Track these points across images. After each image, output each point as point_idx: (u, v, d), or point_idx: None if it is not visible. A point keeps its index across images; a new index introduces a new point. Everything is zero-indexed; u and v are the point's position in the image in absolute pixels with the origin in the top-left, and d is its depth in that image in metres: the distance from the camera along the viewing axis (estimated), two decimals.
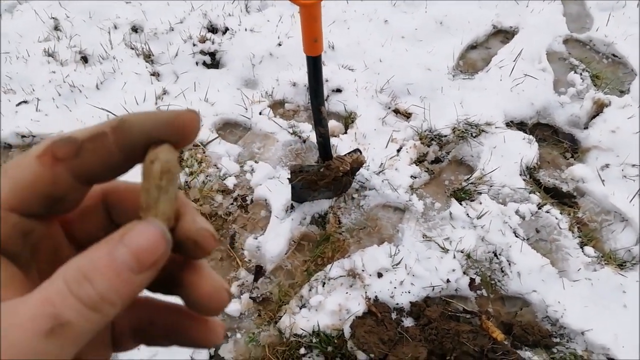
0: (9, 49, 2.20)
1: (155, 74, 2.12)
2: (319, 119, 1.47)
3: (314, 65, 1.26)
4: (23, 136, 1.90)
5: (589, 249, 1.61)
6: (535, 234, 1.65)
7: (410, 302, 1.49)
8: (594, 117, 1.97)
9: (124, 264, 0.22)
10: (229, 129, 1.99)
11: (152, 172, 0.24)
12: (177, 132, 0.25)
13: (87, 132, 0.25)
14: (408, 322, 1.46)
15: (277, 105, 2.05)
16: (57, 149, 0.24)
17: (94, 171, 0.25)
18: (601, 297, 1.51)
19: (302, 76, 2.05)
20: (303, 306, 1.50)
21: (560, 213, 1.70)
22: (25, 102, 1.99)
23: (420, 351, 1.37)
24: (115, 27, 2.31)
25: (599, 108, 1.97)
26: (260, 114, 1.97)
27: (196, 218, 0.27)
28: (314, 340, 1.41)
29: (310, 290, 1.53)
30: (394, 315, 1.47)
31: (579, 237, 1.65)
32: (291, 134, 1.91)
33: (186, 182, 1.75)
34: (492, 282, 1.54)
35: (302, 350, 1.41)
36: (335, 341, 1.42)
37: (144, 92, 2.01)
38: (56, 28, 2.32)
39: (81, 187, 0.26)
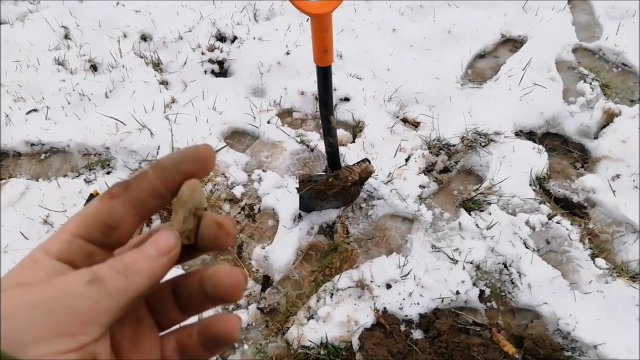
0: (20, 58, 2.22)
1: (164, 83, 2.13)
2: (328, 129, 1.47)
3: (324, 75, 1.26)
4: (32, 144, 1.91)
5: (600, 261, 1.59)
6: (546, 245, 1.63)
7: (420, 314, 1.47)
8: (604, 126, 1.96)
9: (147, 251, 0.31)
10: (237, 137, 1.99)
11: (179, 197, 0.33)
12: (199, 162, 0.33)
13: (135, 174, 0.33)
14: (417, 334, 1.44)
15: (285, 114, 2.05)
16: (112, 188, 0.33)
17: (142, 201, 0.33)
18: (613, 310, 1.48)
19: (310, 85, 2.05)
20: (311, 317, 1.49)
21: (571, 224, 1.68)
22: (35, 110, 2.01)
23: None
24: (125, 36, 2.33)
25: (609, 118, 1.95)
26: (268, 122, 1.97)
27: (215, 215, 0.35)
28: (322, 353, 1.40)
29: (318, 301, 1.52)
30: (403, 327, 1.45)
31: (590, 248, 1.63)
32: (299, 142, 1.91)
33: None
34: (502, 294, 1.52)
35: None
36: (344, 353, 1.40)
37: (152, 101, 2.01)
38: (66, 37, 2.34)
39: (132, 218, 0.33)
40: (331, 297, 1.51)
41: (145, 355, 0.34)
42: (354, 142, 1.92)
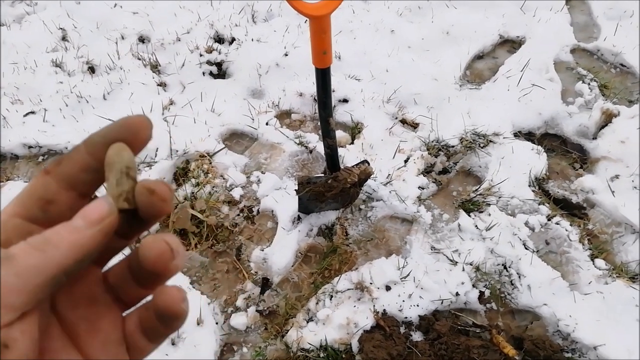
0: (17, 60, 2.21)
1: (162, 85, 2.13)
2: (327, 131, 1.47)
3: (323, 77, 1.25)
4: (30, 147, 1.90)
5: (599, 262, 1.59)
6: (545, 246, 1.63)
7: (419, 316, 1.47)
8: (603, 127, 1.96)
9: (74, 223, 0.29)
10: (235, 139, 1.99)
11: (106, 161, 0.31)
12: (129, 132, 0.31)
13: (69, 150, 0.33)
14: (417, 336, 1.44)
15: (284, 116, 2.05)
16: (47, 165, 0.32)
17: (74, 175, 0.31)
18: (613, 310, 1.48)
19: (308, 86, 2.05)
20: (310, 320, 1.48)
21: (570, 225, 1.67)
22: (32, 112, 2.00)
23: None
24: (123, 38, 2.32)
25: (608, 118, 1.96)
26: (266, 124, 1.97)
27: (147, 181, 0.32)
28: (322, 355, 1.40)
29: (317, 303, 1.51)
30: (402, 330, 1.45)
31: (590, 249, 1.62)
32: (298, 144, 1.91)
33: (192, 193, 1.74)
34: (502, 295, 1.52)
35: None
36: (343, 356, 1.40)
37: (150, 103, 2.01)
38: (64, 38, 2.34)
39: (66, 192, 0.31)
40: (330, 299, 1.51)
41: (104, 335, 0.33)
42: (352, 143, 1.92)
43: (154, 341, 0.35)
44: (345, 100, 2.04)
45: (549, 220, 1.68)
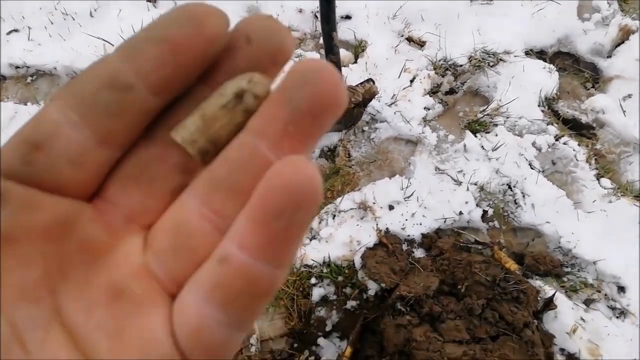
0: None
1: (152, 0, 1.99)
2: (330, 47, 1.38)
3: None
4: (17, 67, 1.81)
5: (605, 181, 1.57)
6: (552, 166, 1.60)
7: (422, 234, 1.47)
8: (619, 44, 1.86)
9: None
10: None
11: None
12: (189, 23, 0.20)
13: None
14: (419, 253, 1.45)
15: None
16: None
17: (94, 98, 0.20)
18: (615, 228, 1.49)
19: (308, 2, 1.92)
20: (313, 238, 1.49)
21: (578, 145, 1.64)
22: (15, 30, 1.88)
23: (432, 280, 1.37)
24: None
25: (625, 35, 1.85)
26: None
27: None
28: (325, 271, 1.42)
29: (320, 222, 1.51)
30: (405, 247, 1.46)
31: (596, 169, 1.60)
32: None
33: None
34: (505, 214, 1.52)
35: (313, 280, 1.42)
36: (346, 271, 1.42)
37: (140, 20, 1.88)
38: None
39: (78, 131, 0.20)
40: (333, 218, 1.50)
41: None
42: (356, 62, 1.83)
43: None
44: (348, 17, 1.92)
45: (556, 140, 1.64)
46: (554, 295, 1.32)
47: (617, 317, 1.36)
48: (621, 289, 1.40)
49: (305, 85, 0.20)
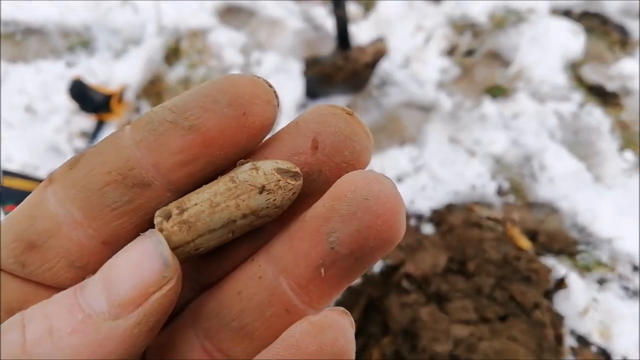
0: None
1: None
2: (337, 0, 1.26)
3: None
4: (5, 24, 1.67)
5: (628, 154, 1.48)
6: (573, 136, 1.51)
7: (432, 209, 1.40)
8: None
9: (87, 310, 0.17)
10: (232, 14, 1.74)
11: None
12: (231, 104, 0.19)
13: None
14: (428, 228, 1.39)
15: None
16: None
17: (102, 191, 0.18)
18: (634, 205, 1.42)
19: None
20: None
21: (603, 113, 1.53)
22: None
23: (440, 258, 1.32)
24: None
25: None
26: None
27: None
28: None
29: None
30: (413, 222, 1.39)
31: (620, 140, 1.51)
32: (303, 20, 1.67)
33: (186, 75, 1.57)
34: (521, 188, 1.44)
35: None
36: None
37: None
38: None
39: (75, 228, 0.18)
40: None
41: None
42: (366, 19, 1.68)
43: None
44: None
45: (580, 108, 1.53)
46: (565, 275, 1.26)
47: (630, 298, 1.31)
48: (636, 269, 1.35)
49: (353, 218, 0.15)
